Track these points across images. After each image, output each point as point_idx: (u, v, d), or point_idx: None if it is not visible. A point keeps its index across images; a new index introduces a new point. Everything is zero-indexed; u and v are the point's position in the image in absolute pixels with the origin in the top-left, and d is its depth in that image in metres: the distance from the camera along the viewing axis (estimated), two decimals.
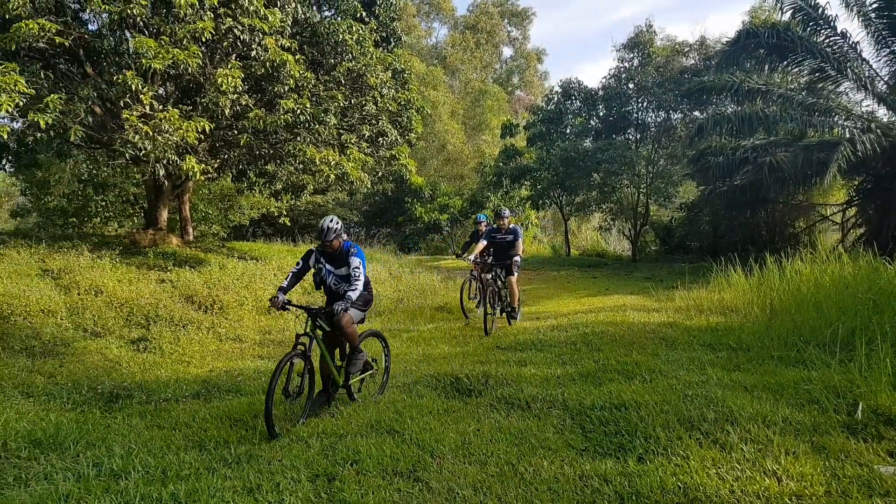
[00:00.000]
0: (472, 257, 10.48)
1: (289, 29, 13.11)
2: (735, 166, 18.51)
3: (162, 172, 12.11)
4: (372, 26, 15.38)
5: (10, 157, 15.29)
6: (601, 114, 27.76)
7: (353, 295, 5.86)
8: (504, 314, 10.71)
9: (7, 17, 10.47)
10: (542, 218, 36.32)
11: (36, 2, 10.73)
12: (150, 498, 3.99)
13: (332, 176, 13.73)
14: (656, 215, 28.26)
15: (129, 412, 6.10)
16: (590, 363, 7.46)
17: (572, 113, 28.68)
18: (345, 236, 6.22)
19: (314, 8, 15.46)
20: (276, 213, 23.37)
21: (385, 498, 4.05)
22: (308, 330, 5.88)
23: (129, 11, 10.65)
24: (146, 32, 11.67)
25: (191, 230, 18.26)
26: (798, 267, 10.18)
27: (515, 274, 10.35)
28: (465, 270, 22.15)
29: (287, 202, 21.84)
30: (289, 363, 5.58)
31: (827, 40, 17.57)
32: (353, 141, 14.69)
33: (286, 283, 6.04)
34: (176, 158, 11.53)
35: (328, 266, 6.28)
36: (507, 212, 10.72)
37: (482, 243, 10.57)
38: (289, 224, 24.77)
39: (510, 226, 10.57)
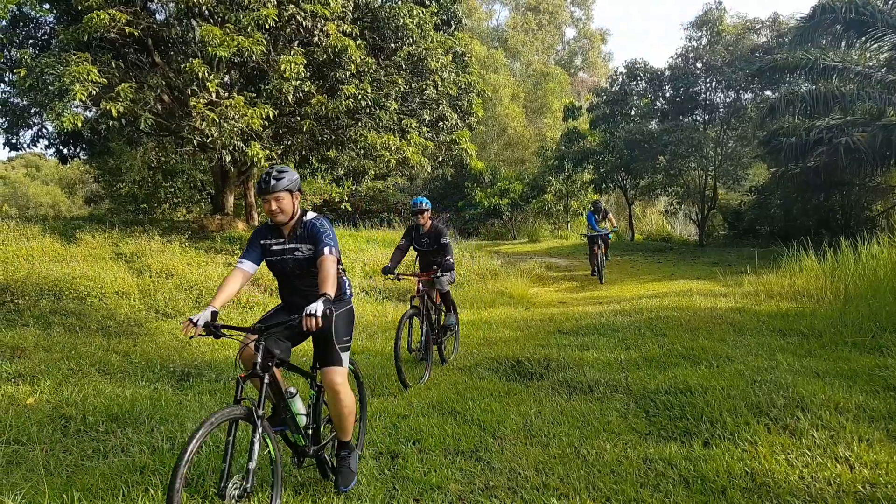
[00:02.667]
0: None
1: (350, 14, 13.17)
2: (808, 147, 17.83)
3: (228, 159, 12.39)
4: (433, 9, 15.32)
5: (83, 146, 15.90)
6: (667, 94, 27.03)
7: None
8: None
9: (80, 8, 10.85)
10: (605, 202, 35.79)
11: None
12: (221, 471, 4.09)
13: (393, 161, 13.80)
14: (724, 199, 27.51)
15: (200, 389, 6.28)
16: (654, 348, 7.35)
17: (637, 94, 28.01)
18: None
19: None
20: (337, 199, 23.65)
21: (447, 476, 4.07)
22: None
23: (195, 0, 10.89)
24: (212, 21, 11.90)
25: (256, 215, 18.64)
26: (875, 251, 9.77)
27: (343, 365, 3.95)
28: (527, 256, 22.01)
29: (348, 188, 22.07)
30: None
31: None
32: (413, 126, 14.70)
33: None
34: (241, 145, 11.78)
35: None
36: (283, 180, 3.89)
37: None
38: (350, 209, 25.07)
39: (315, 219, 4.06)
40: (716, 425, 4.68)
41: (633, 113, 28.09)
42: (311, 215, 4.10)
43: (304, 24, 12.02)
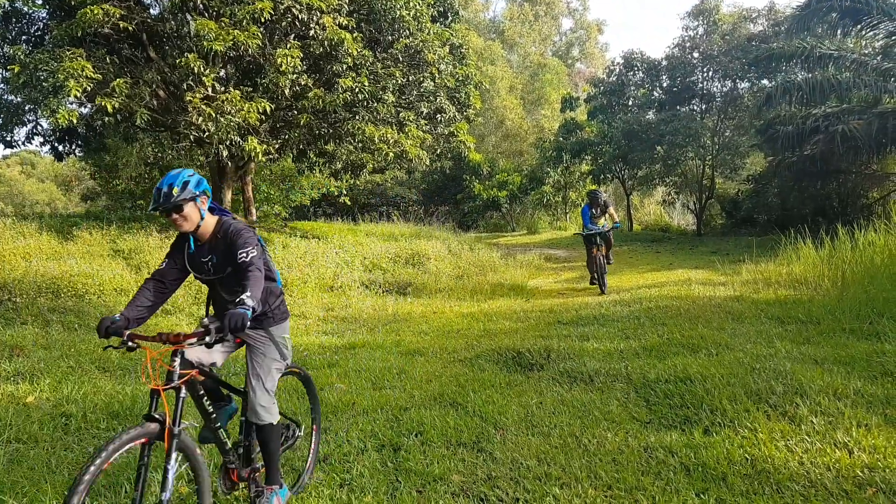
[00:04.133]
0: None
1: (346, 7, 13.09)
2: (805, 136, 17.86)
3: (225, 154, 12.33)
4: (429, 1, 15.24)
5: (79, 142, 15.84)
6: (665, 85, 27.06)
7: None
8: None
9: (73, 3, 10.78)
10: (605, 192, 35.79)
11: None
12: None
13: (391, 154, 13.75)
14: (722, 188, 27.54)
15: None
16: (654, 337, 7.36)
17: (635, 84, 28.05)
18: None
19: None
20: (336, 193, 23.66)
21: (450, 467, 4.07)
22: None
23: None
24: (206, 14, 11.84)
25: (254, 210, 18.60)
26: (871, 238, 9.78)
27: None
28: (526, 248, 21.98)
29: (347, 182, 22.05)
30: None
31: None
32: (411, 118, 14.65)
33: None
34: (238, 139, 11.73)
35: None
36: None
37: None
38: (349, 203, 25.06)
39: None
40: (716, 413, 4.68)
41: (630, 103, 28.11)
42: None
43: (299, 17, 11.95)
